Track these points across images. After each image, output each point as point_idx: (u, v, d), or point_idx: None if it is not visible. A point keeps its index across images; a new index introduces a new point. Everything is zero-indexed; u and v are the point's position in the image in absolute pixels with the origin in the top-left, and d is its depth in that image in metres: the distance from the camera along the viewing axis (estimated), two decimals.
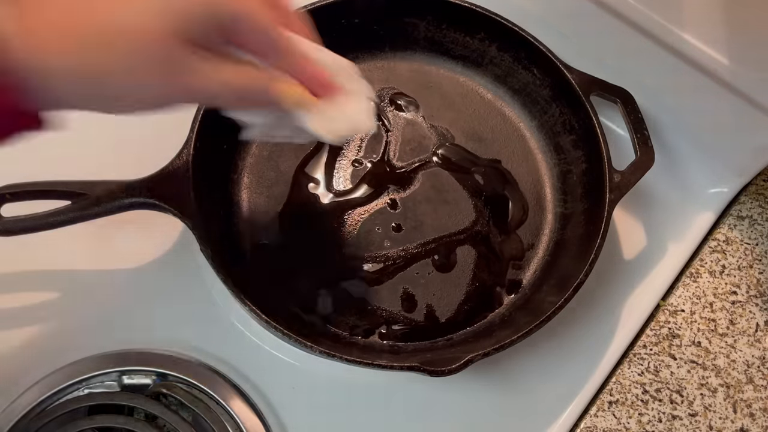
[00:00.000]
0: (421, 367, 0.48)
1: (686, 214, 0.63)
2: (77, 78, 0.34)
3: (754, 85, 0.55)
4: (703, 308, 0.60)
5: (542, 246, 0.60)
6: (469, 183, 0.61)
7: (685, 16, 0.56)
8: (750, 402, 0.57)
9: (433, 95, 0.65)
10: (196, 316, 0.57)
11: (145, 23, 0.33)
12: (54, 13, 0.33)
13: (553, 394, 0.57)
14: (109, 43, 0.33)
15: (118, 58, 0.33)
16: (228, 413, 0.53)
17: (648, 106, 0.61)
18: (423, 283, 0.58)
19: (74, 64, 0.33)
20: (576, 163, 0.61)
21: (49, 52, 0.33)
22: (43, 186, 0.51)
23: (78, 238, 0.57)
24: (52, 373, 0.53)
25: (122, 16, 0.33)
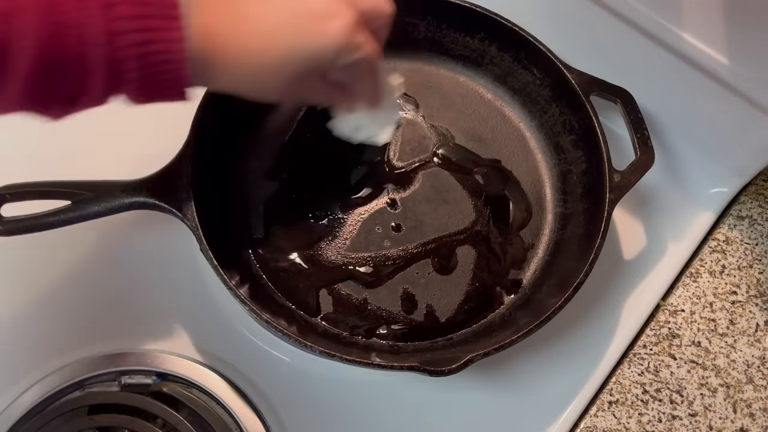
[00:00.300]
0: (421, 367, 0.48)
1: (686, 214, 0.63)
2: (239, 89, 0.44)
3: (754, 85, 0.55)
4: (703, 308, 0.60)
5: (542, 246, 0.60)
6: (469, 183, 0.61)
7: (685, 16, 0.55)
8: (750, 402, 0.57)
9: (433, 95, 0.64)
10: (196, 316, 0.57)
11: (303, 63, 0.42)
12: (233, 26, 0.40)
13: (553, 394, 0.57)
14: (277, 74, 0.42)
15: (278, 85, 0.43)
16: (228, 413, 0.53)
17: (648, 106, 0.61)
18: (423, 283, 0.58)
19: (243, 84, 0.43)
20: (576, 163, 0.61)
21: (224, 72, 0.41)
22: (43, 186, 0.51)
23: (78, 238, 0.57)
24: (52, 373, 0.53)
25: (289, 54, 0.42)
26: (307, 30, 0.42)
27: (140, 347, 0.55)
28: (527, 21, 0.60)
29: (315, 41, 0.42)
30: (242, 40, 0.41)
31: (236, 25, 0.40)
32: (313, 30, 0.42)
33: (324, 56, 0.42)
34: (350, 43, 0.42)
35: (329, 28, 0.41)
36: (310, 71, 0.43)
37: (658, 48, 0.58)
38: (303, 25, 0.42)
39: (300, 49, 0.42)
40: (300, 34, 0.41)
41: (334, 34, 0.42)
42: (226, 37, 0.40)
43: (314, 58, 0.42)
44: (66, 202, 0.51)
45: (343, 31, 0.42)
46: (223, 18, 0.40)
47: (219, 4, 0.40)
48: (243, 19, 0.41)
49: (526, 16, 0.61)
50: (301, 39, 0.42)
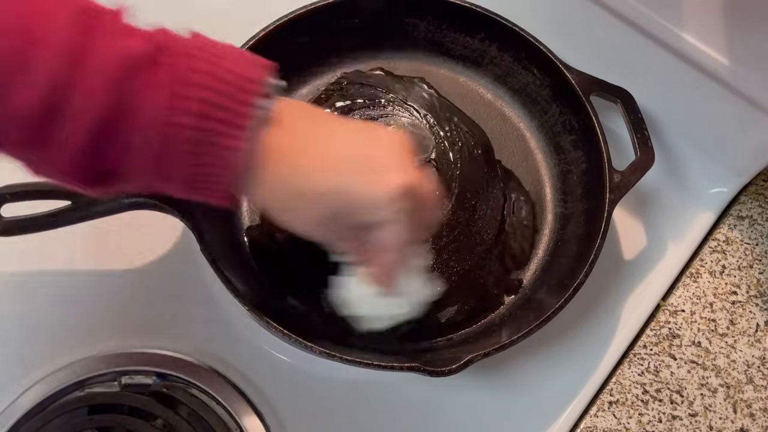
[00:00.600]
0: (422, 368, 0.48)
1: (686, 214, 0.63)
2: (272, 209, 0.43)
3: (754, 85, 0.55)
4: (703, 308, 0.60)
5: (542, 246, 0.60)
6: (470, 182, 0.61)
7: (685, 16, 0.55)
8: (750, 402, 0.57)
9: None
10: (196, 316, 0.57)
11: (342, 205, 0.41)
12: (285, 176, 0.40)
13: (553, 394, 0.57)
14: (313, 206, 0.41)
15: (310, 218, 0.42)
16: (228, 413, 0.53)
17: (648, 106, 0.61)
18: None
19: (277, 206, 0.42)
20: (576, 163, 0.61)
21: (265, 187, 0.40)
22: (43, 186, 0.51)
23: (78, 238, 0.57)
24: (52, 373, 0.53)
25: (333, 190, 0.41)
26: (357, 177, 0.40)
27: (140, 347, 0.55)
28: (527, 21, 0.60)
29: (361, 190, 0.40)
30: (294, 161, 0.40)
31: (293, 144, 0.40)
32: (363, 179, 0.40)
33: (364, 208, 0.41)
34: (395, 206, 0.41)
35: (381, 181, 0.40)
36: (345, 216, 0.42)
37: (658, 48, 0.58)
38: (355, 171, 0.41)
39: (343, 192, 0.40)
40: (348, 179, 0.40)
41: (383, 189, 0.40)
42: (281, 154, 0.39)
43: (354, 206, 0.41)
44: (66, 202, 0.51)
45: (394, 191, 0.40)
46: (282, 136, 0.39)
47: (284, 122, 0.39)
48: (301, 141, 0.40)
49: (526, 16, 0.61)
50: (348, 184, 0.40)
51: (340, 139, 0.42)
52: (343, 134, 0.42)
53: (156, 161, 0.36)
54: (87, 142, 0.34)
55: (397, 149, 0.42)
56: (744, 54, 0.54)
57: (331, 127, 0.43)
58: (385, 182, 0.40)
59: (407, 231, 0.42)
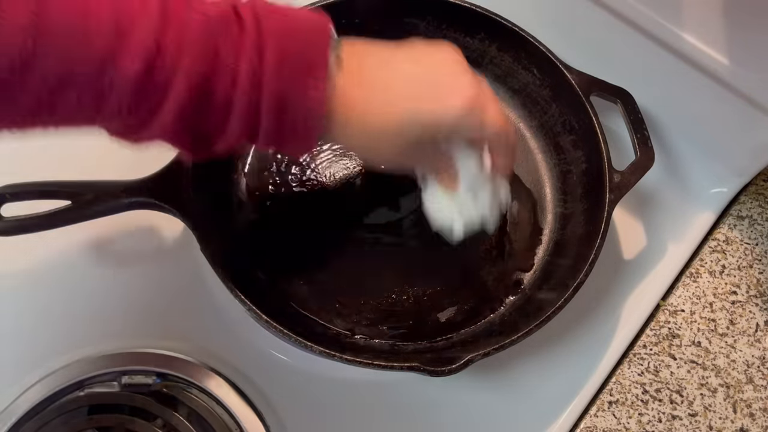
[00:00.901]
0: (421, 367, 0.48)
1: (686, 214, 0.63)
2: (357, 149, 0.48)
3: (754, 85, 0.55)
4: (703, 308, 0.60)
5: (542, 246, 0.60)
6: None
7: (685, 16, 0.55)
8: (750, 402, 0.57)
9: None
10: (196, 316, 0.57)
11: (419, 132, 0.43)
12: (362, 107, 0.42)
13: (553, 394, 0.57)
14: (393, 140, 0.43)
15: (393, 151, 0.44)
16: (228, 413, 0.53)
17: (648, 106, 0.61)
18: (423, 282, 0.58)
19: (361, 145, 0.45)
20: (576, 163, 0.61)
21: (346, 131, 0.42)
22: (43, 186, 0.51)
23: (78, 238, 0.57)
24: (52, 373, 0.53)
25: (407, 121, 0.43)
26: (429, 100, 0.43)
27: (140, 347, 0.55)
28: (527, 21, 0.60)
29: (434, 111, 0.43)
30: (367, 103, 0.42)
31: (363, 87, 0.42)
32: (434, 100, 0.43)
33: (441, 127, 0.43)
34: (470, 119, 0.43)
35: (452, 100, 0.43)
36: (426, 140, 0.44)
37: (658, 48, 0.58)
38: (425, 94, 0.43)
39: (418, 117, 0.43)
40: (421, 103, 0.43)
41: (455, 106, 0.43)
42: (354, 99, 0.41)
43: (431, 128, 0.43)
44: (66, 202, 0.51)
45: (465, 106, 0.43)
46: (353, 81, 0.41)
47: (352, 68, 0.41)
48: (370, 83, 0.42)
49: (526, 16, 0.61)
50: (421, 107, 0.43)
51: (405, 72, 0.44)
52: (406, 67, 0.44)
53: (246, 121, 0.38)
54: (187, 103, 0.36)
55: (454, 68, 0.44)
56: (744, 54, 0.54)
57: (391, 56, 0.45)
58: (452, 103, 0.43)
59: (490, 128, 0.45)
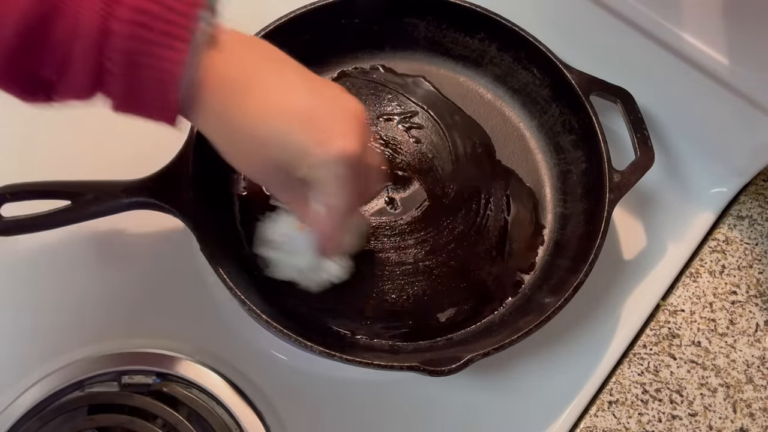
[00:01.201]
0: (421, 367, 0.48)
1: (686, 214, 0.63)
2: (216, 143, 0.42)
3: (754, 85, 0.55)
4: (703, 308, 0.60)
5: (542, 246, 0.60)
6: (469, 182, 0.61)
7: (685, 16, 0.56)
8: (750, 402, 0.57)
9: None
10: (196, 316, 0.57)
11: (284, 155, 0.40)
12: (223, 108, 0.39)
13: (553, 394, 0.57)
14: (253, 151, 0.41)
15: (250, 161, 0.42)
16: (228, 413, 0.53)
17: (648, 106, 0.61)
18: (423, 282, 0.58)
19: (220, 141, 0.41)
20: (576, 163, 0.61)
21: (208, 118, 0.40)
22: (43, 186, 0.51)
23: (77, 237, 0.57)
24: (52, 373, 0.53)
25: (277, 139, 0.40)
26: (307, 130, 0.39)
27: (140, 347, 0.55)
28: (527, 21, 0.60)
29: (307, 143, 0.39)
30: (240, 101, 0.39)
31: (243, 78, 0.39)
32: (313, 133, 0.39)
33: (305, 163, 0.40)
34: (335, 170, 0.40)
35: (329, 142, 0.39)
36: (285, 167, 0.41)
37: (658, 48, 0.58)
38: (307, 123, 0.40)
39: (288, 140, 0.39)
40: (297, 129, 0.39)
41: (328, 150, 0.39)
42: (228, 83, 0.38)
43: (295, 158, 0.40)
44: (66, 202, 0.51)
45: (338, 156, 0.39)
46: (235, 71, 0.38)
47: (240, 57, 0.39)
48: (254, 83, 0.39)
49: (526, 16, 0.61)
50: (295, 133, 0.39)
51: (292, 85, 0.40)
52: (296, 81, 0.41)
53: (89, 70, 0.35)
54: (16, 41, 0.33)
55: (350, 115, 0.41)
56: (744, 54, 0.54)
57: (285, 69, 0.41)
58: (329, 144, 0.39)
59: (344, 197, 0.42)
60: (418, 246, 0.59)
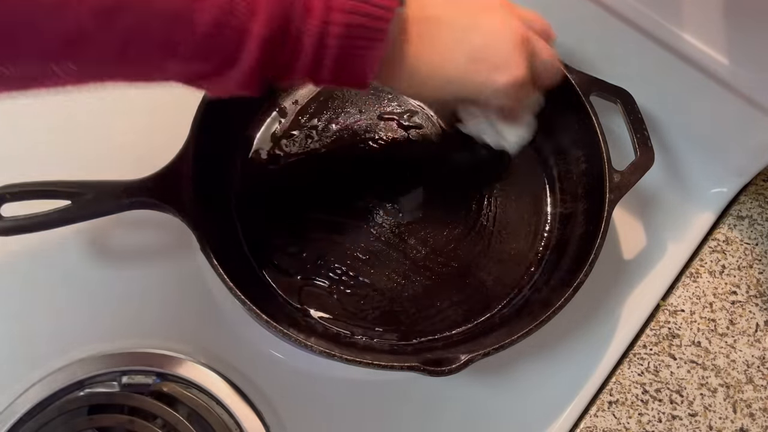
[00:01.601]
0: (422, 367, 0.48)
1: (686, 214, 0.63)
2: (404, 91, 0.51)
3: (754, 85, 0.55)
4: (703, 308, 0.60)
5: (542, 246, 0.60)
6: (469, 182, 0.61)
7: (685, 16, 0.55)
8: (750, 402, 0.57)
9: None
10: (196, 316, 0.57)
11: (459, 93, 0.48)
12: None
13: (553, 394, 0.57)
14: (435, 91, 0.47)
15: (434, 98, 0.50)
16: (228, 413, 0.53)
17: (648, 106, 0.61)
18: (423, 282, 0.58)
19: (408, 89, 0.47)
20: (576, 163, 0.61)
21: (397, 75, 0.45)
22: (43, 186, 0.51)
23: (78, 237, 0.57)
24: (52, 373, 0.53)
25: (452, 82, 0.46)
26: (476, 71, 0.46)
27: (140, 347, 0.55)
28: None
29: (477, 82, 0.46)
30: (420, 53, 0.45)
31: (422, 39, 0.44)
32: (481, 73, 0.46)
33: (478, 95, 0.47)
34: (505, 95, 0.47)
35: (495, 78, 0.46)
36: (468, 96, 0.47)
37: (658, 48, 0.58)
38: (474, 64, 0.46)
39: (462, 81, 0.46)
40: (468, 71, 0.46)
41: (495, 84, 0.46)
42: (409, 46, 0.44)
43: (470, 93, 0.47)
44: (66, 202, 0.51)
45: (505, 86, 0.46)
46: (414, 29, 0.44)
47: (416, 15, 0.44)
48: (430, 35, 0.45)
49: None
50: (467, 75, 0.46)
51: (462, 30, 0.46)
52: (464, 24, 0.46)
53: (312, 63, 0.41)
54: (264, 43, 0.38)
55: (509, 43, 0.46)
56: (744, 54, 0.54)
57: (455, 13, 0.46)
58: (497, 78, 0.46)
59: (520, 103, 0.51)
60: (419, 246, 0.59)
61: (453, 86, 0.47)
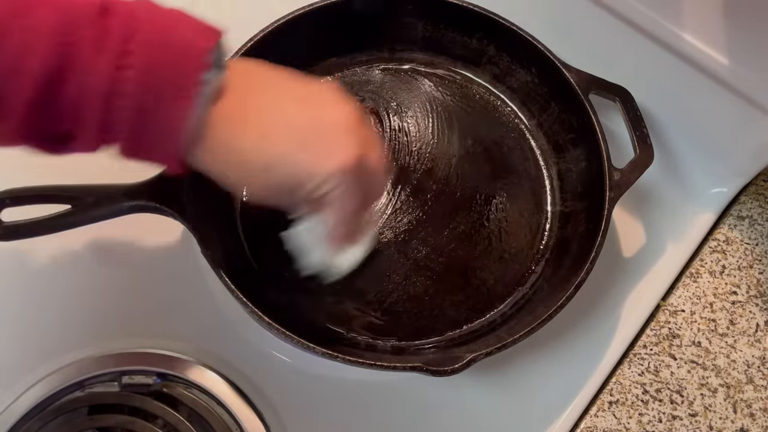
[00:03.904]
0: (424, 367, 0.48)
1: (686, 214, 0.63)
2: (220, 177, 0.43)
3: (754, 85, 0.55)
4: (703, 308, 0.60)
5: (542, 245, 0.60)
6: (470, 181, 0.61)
7: (684, 16, 0.55)
8: (750, 402, 0.57)
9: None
10: (196, 316, 0.57)
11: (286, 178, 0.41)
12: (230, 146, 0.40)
13: (553, 394, 0.57)
14: (258, 176, 0.41)
15: (257, 186, 0.43)
16: (228, 413, 0.53)
17: (648, 106, 0.61)
18: (424, 282, 0.58)
19: (223, 173, 0.42)
20: (575, 162, 0.61)
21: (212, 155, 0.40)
22: (44, 190, 0.51)
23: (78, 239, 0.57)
24: (52, 373, 0.53)
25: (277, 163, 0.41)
26: (305, 151, 0.41)
27: (140, 347, 0.55)
28: (526, 21, 0.60)
29: (307, 163, 0.41)
30: (242, 130, 0.40)
31: (243, 112, 0.40)
32: (310, 152, 0.41)
33: (307, 181, 0.41)
34: (337, 183, 0.41)
35: (327, 159, 0.41)
36: (291, 186, 0.42)
37: (657, 48, 0.58)
38: (303, 145, 0.41)
39: (289, 163, 0.41)
40: (295, 152, 0.41)
41: (327, 166, 0.41)
42: (230, 121, 0.39)
43: (298, 178, 0.41)
44: (66, 206, 0.51)
45: (337, 169, 0.41)
46: (230, 106, 0.39)
47: (234, 91, 0.39)
48: (251, 112, 0.40)
49: (525, 16, 0.61)
50: (294, 156, 0.41)
51: (288, 108, 0.42)
52: (291, 103, 0.42)
53: (101, 124, 0.36)
54: (34, 95, 0.34)
55: (342, 126, 0.42)
56: (744, 54, 0.54)
57: (281, 93, 0.42)
58: (326, 161, 0.41)
59: (351, 203, 0.43)
60: (419, 246, 0.59)
61: (278, 170, 0.41)
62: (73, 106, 0.35)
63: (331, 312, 0.56)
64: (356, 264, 0.54)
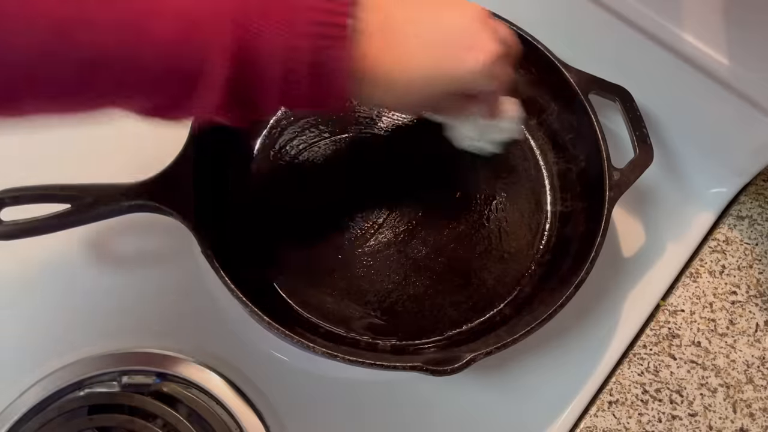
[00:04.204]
0: (424, 367, 0.48)
1: (686, 214, 0.63)
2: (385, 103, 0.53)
3: (754, 85, 0.55)
4: (703, 308, 0.60)
5: (542, 245, 0.60)
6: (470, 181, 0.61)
7: (684, 16, 0.55)
8: (750, 402, 0.57)
9: None
10: (196, 316, 0.57)
11: (442, 86, 0.47)
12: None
13: (553, 394, 0.57)
14: (418, 92, 0.46)
15: (418, 101, 0.49)
16: (228, 413, 0.53)
17: (648, 106, 0.61)
18: (424, 282, 0.58)
19: (389, 99, 0.47)
20: (575, 162, 0.61)
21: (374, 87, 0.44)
22: (43, 190, 0.51)
23: (78, 239, 0.57)
24: (52, 373, 0.53)
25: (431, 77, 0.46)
26: (450, 58, 0.46)
27: (140, 347, 0.55)
28: (526, 21, 0.60)
29: (455, 68, 0.46)
30: (392, 61, 0.44)
31: (389, 46, 0.44)
32: (455, 58, 0.46)
33: (461, 82, 0.47)
34: (486, 74, 0.46)
35: (470, 58, 0.46)
36: (448, 92, 0.47)
37: (657, 48, 0.58)
38: (447, 53, 0.46)
39: (441, 74, 0.46)
40: (443, 62, 0.46)
41: (473, 64, 0.46)
42: (379, 56, 0.43)
43: (453, 83, 0.46)
44: (66, 205, 0.50)
45: (483, 64, 0.46)
46: (377, 42, 0.43)
47: (377, 25, 0.43)
48: (396, 41, 0.44)
49: (525, 16, 0.61)
50: (443, 65, 0.46)
51: (427, 30, 0.46)
52: (428, 25, 0.46)
53: (283, 87, 0.41)
54: (229, 79, 0.38)
55: (475, 25, 0.47)
56: (744, 54, 0.54)
57: (419, 18, 0.46)
58: (474, 56, 0.46)
59: (500, 82, 0.49)
60: (419, 246, 0.59)
61: (433, 82, 0.46)
62: (261, 72, 0.39)
63: (331, 312, 0.56)
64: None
